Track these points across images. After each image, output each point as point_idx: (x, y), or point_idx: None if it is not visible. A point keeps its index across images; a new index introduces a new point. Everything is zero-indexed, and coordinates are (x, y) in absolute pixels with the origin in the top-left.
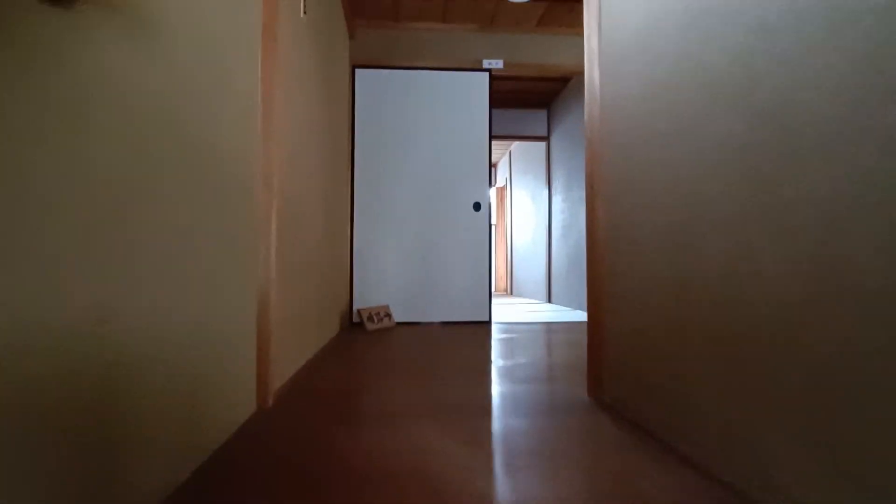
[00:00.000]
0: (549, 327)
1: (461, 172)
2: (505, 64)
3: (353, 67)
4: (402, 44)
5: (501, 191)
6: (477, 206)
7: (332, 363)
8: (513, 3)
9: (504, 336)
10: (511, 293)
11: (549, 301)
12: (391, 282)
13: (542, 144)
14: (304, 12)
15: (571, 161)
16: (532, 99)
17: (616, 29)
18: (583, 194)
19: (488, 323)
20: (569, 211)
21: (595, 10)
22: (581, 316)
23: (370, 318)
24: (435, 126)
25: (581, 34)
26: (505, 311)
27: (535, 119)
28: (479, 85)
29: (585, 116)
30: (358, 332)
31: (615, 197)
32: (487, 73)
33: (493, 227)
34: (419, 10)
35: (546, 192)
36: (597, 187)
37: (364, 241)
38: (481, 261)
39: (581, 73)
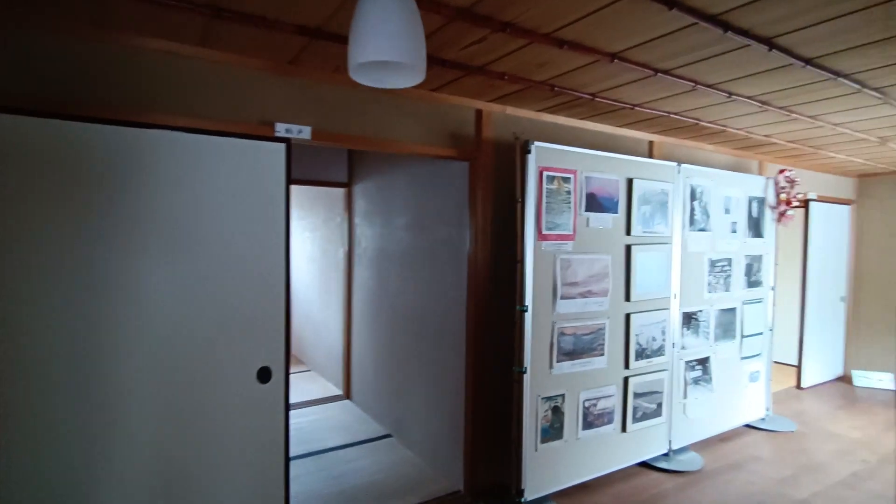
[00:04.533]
0: None
1: (235, 318)
2: (314, 133)
3: None
4: (116, 72)
5: None
6: (264, 375)
7: None
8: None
9: None
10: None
11: (349, 397)
12: None
13: (341, 191)
14: None
15: (388, 238)
16: None
17: None
18: (405, 288)
19: None
20: (380, 296)
21: None
22: (422, 469)
23: None
24: (183, 235)
25: (444, 103)
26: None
27: (334, 159)
28: (268, 163)
29: None
30: None
31: None
32: (284, 145)
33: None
34: (158, 20)
35: (344, 251)
36: None
37: (43, 465)
38: (272, 472)
39: (440, 157)
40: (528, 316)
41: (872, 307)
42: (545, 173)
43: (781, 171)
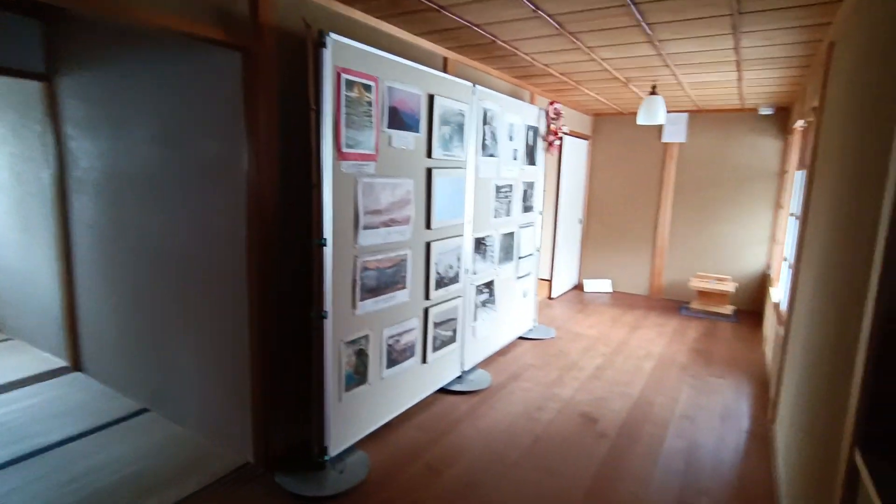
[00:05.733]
0: None
1: None
2: None
3: None
4: None
5: None
6: None
7: None
8: None
9: None
10: None
11: (79, 369)
12: None
13: (36, 85)
14: None
15: (125, 155)
16: None
17: None
18: (157, 222)
19: None
20: (117, 233)
21: None
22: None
23: None
24: None
25: None
26: None
27: (16, 33)
28: None
29: None
30: None
31: None
32: None
33: None
34: None
35: (51, 174)
36: None
37: None
38: None
39: (199, 38)
40: (327, 251)
41: (597, 226)
42: (344, 76)
43: (552, 103)
